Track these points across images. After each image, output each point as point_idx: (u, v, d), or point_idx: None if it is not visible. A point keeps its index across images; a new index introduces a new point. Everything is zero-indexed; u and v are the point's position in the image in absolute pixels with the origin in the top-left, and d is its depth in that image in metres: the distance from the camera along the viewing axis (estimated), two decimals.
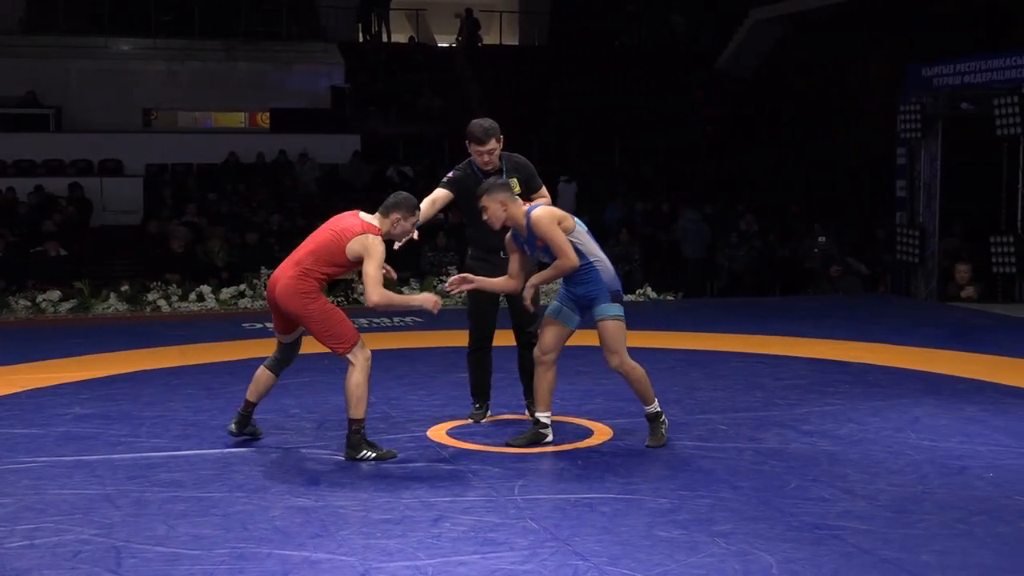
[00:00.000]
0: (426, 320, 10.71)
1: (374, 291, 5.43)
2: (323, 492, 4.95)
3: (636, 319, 7.45)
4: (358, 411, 5.48)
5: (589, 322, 5.68)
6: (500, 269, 6.01)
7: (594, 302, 5.61)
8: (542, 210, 5.61)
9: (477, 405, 6.42)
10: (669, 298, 12.84)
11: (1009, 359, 8.29)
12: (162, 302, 11.56)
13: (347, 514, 4.63)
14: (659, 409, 5.77)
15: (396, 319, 10.76)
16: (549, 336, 5.71)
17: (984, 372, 7.73)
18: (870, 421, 6.29)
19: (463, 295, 12.08)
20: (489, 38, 26.49)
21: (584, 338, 6.68)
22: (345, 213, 5.68)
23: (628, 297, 11.60)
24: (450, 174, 6.33)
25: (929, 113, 13.35)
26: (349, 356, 5.47)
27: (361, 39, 24.21)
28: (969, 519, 4.57)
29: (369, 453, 5.50)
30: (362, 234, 5.47)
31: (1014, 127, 12.38)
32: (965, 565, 4.07)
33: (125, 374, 7.84)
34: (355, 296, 12.00)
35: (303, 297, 5.47)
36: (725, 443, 5.80)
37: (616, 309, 5.61)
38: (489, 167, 6.19)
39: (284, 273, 5.56)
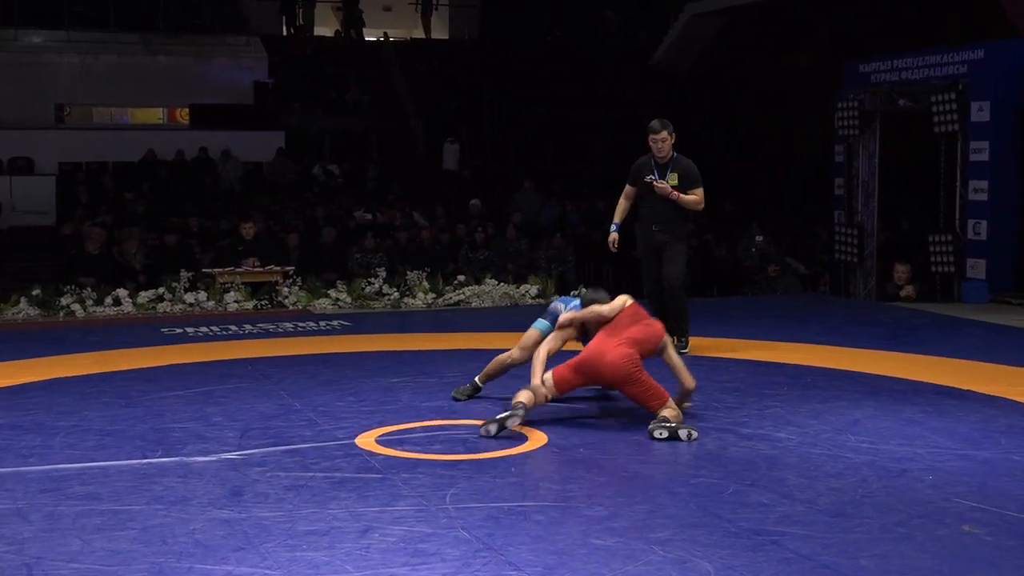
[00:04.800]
0: (352, 324, 10.54)
1: None
2: (246, 503, 4.80)
3: None
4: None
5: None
6: (654, 237, 8.26)
7: None
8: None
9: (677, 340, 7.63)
10: None
11: (948, 359, 8.30)
12: (76, 306, 11.23)
13: (271, 526, 4.49)
14: None
15: (323, 323, 10.56)
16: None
17: (923, 373, 7.72)
18: (809, 424, 6.25)
19: (392, 298, 11.91)
20: (418, 32, 26.31)
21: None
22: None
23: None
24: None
25: (867, 110, 13.32)
26: None
27: (285, 32, 23.89)
28: (909, 523, 4.54)
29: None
30: None
31: (952, 124, 12.40)
32: (904, 569, 4.03)
33: (37, 382, 7.62)
34: (279, 299, 11.73)
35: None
36: (662, 448, 5.74)
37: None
38: (662, 154, 8.21)
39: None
